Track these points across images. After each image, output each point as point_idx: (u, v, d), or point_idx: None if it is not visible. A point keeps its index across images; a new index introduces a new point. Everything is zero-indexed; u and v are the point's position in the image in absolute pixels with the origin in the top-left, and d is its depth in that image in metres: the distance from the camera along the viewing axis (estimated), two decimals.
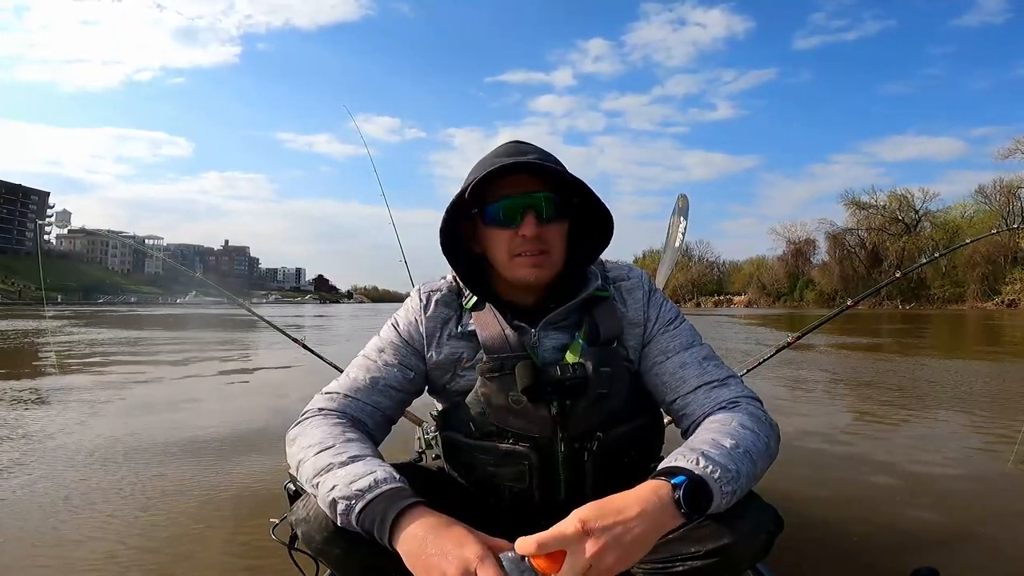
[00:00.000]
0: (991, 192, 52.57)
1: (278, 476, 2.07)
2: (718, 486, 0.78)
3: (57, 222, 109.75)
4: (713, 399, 0.96)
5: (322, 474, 0.84)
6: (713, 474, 0.78)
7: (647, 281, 1.08)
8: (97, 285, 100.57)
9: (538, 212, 0.96)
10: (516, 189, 0.96)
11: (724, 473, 0.79)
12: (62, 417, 3.78)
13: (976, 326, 18.99)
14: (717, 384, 0.98)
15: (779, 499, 0.95)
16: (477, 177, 0.94)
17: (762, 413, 0.94)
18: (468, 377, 1.02)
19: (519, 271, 0.98)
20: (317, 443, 0.89)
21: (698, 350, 1.02)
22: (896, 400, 4.79)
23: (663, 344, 1.03)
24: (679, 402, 0.99)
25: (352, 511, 0.79)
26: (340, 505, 0.80)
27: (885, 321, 22.70)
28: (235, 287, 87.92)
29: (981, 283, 47.62)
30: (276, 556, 1.53)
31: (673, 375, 1.00)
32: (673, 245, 2.93)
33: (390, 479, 0.81)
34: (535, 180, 0.97)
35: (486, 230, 0.99)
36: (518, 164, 0.94)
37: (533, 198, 0.96)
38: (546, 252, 0.98)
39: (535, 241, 0.96)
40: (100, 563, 1.71)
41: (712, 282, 75.93)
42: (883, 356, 8.57)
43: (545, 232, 0.97)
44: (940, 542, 1.90)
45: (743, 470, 0.81)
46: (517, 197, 0.96)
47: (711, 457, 0.80)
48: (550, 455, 0.98)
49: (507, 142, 1.04)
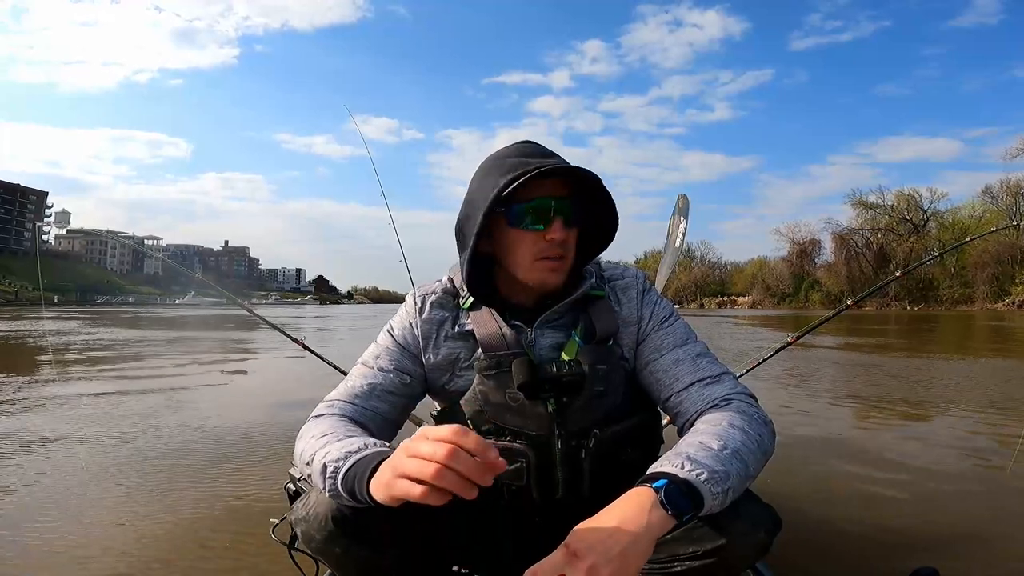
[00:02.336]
0: (998, 192, 52.45)
1: (279, 478, 2.08)
2: (707, 488, 0.77)
3: (56, 222, 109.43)
4: (706, 396, 0.96)
5: (322, 449, 0.85)
6: (700, 476, 0.77)
7: (642, 280, 1.09)
8: (95, 286, 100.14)
9: (566, 216, 0.96)
10: (545, 192, 0.95)
11: (712, 475, 0.78)
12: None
13: (984, 327, 18.89)
14: (710, 381, 0.97)
15: (779, 499, 0.96)
16: (514, 177, 0.92)
17: (755, 410, 0.93)
18: (466, 376, 1.03)
19: (540, 274, 0.98)
20: (320, 432, 0.90)
21: (692, 347, 1.02)
22: (897, 399, 4.76)
23: (657, 341, 1.03)
24: (673, 399, 0.99)
25: (339, 472, 0.80)
26: (329, 468, 0.81)
27: (892, 322, 22.80)
28: (235, 288, 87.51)
29: (991, 284, 47.21)
30: (276, 556, 1.53)
31: (667, 372, 1.00)
32: (674, 245, 2.92)
33: (381, 445, 0.82)
34: (562, 184, 0.96)
35: (508, 231, 0.98)
36: (555, 168, 0.93)
37: (562, 202, 0.96)
38: (566, 257, 0.98)
39: (560, 245, 0.96)
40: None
41: (715, 283, 75.59)
42: (885, 356, 8.54)
43: (569, 237, 0.97)
44: (940, 542, 1.90)
45: (732, 470, 0.81)
46: (546, 200, 0.95)
47: (696, 460, 0.80)
48: (547, 453, 0.98)
49: (520, 142, 1.02)
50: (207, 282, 3.22)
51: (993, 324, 19.96)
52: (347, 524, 0.84)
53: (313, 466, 0.84)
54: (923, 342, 12.30)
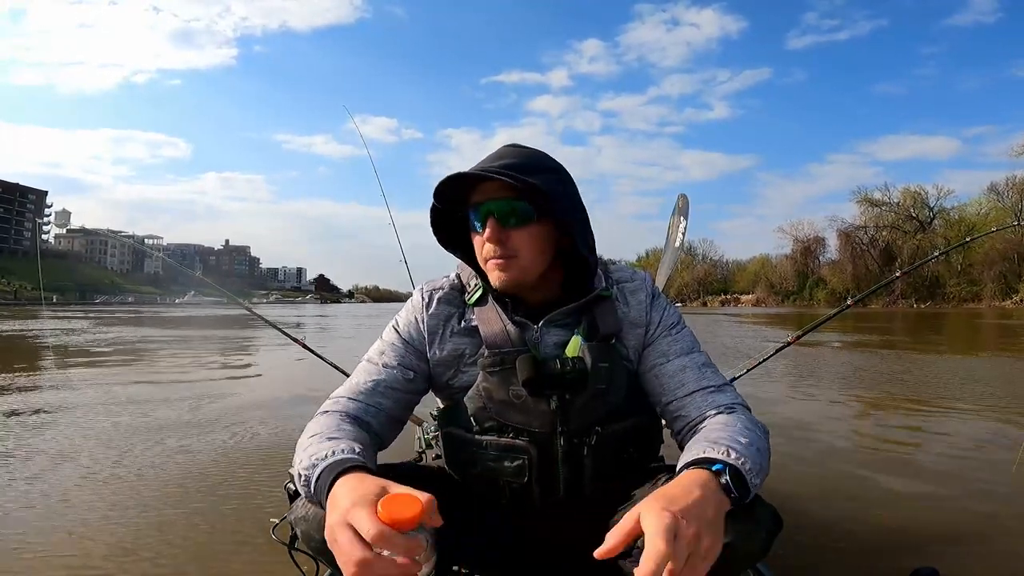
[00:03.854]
0: (1004, 190, 52.07)
1: (280, 478, 2.06)
2: (749, 477, 0.78)
3: (56, 222, 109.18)
4: (710, 403, 0.97)
5: (303, 451, 0.86)
6: (744, 465, 0.79)
7: (650, 284, 1.09)
8: (94, 285, 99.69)
9: (500, 218, 0.97)
10: (483, 196, 0.97)
11: (753, 465, 0.80)
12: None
13: (991, 325, 18.71)
14: (714, 390, 0.99)
15: (779, 499, 0.93)
16: (434, 192, 0.97)
17: (755, 419, 0.95)
18: (470, 373, 1.03)
19: (492, 274, 1.00)
20: (310, 432, 0.91)
21: (697, 356, 1.04)
22: (900, 397, 4.74)
23: (664, 347, 1.04)
24: (675, 404, 1.00)
25: (310, 482, 0.80)
26: (302, 477, 0.82)
27: (899, 320, 22.68)
28: (235, 287, 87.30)
29: (998, 282, 46.76)
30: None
31: (672, 378, 1.01)
32: (674, 245, 2.90)
33: (348, 451, 0.82)
34: (500, 185, 0.96)
35: (473, 235, 1.01)
36: (471, 173, 0.95)
37: (492, 204, 0.97)
38: (512, 257, 0.98)
39: (498, 246, 0.97)
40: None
41: (718, 281, 75.19)
42: (888, 353, 8.50)
43: (509, 238, 0.97)
44: (940, 542, 1.89)
45: (763, 465, 0.83)
46: (483, 204, 0.97)
47: (738, 450, 0.81)
48: (549, 450, 0.98)
49: (503, 146, 1.04)
50: (207, 281, 3.15)
51: (1002, 323, 19.67)
52: None
53: (295, 471, 0.86)
54: (928, 340, 12.22)
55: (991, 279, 47.36)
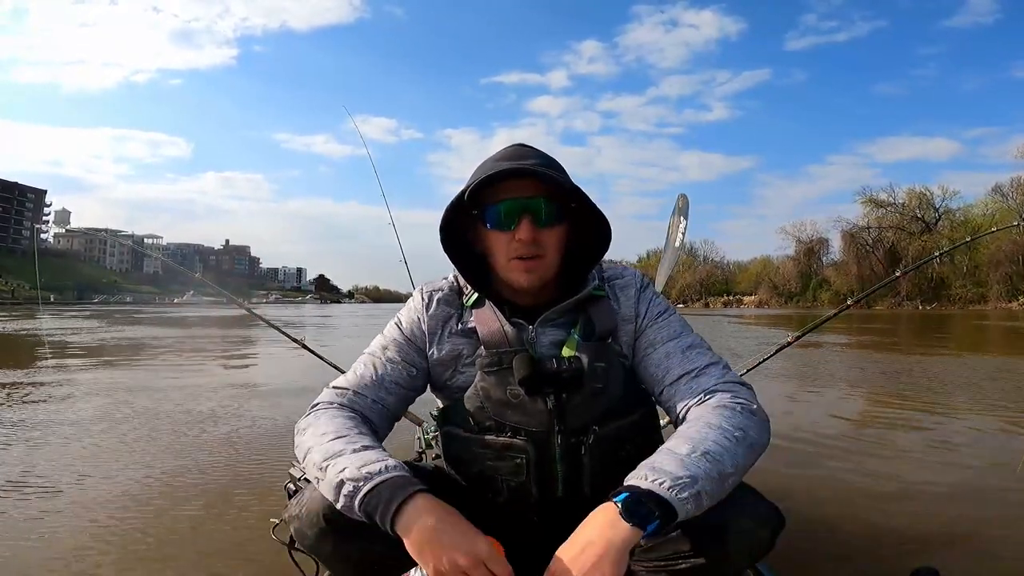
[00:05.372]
0: (1008, 190, 51.95)
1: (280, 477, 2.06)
2: (671, 494, 0.78)
3: (56, 221, 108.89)
4: (693, 390, 0.97)
5: (334, 458, 0.85)
6: (662, 485, 0.78)
7: (640, 279, 1.10)
8: (93, 285, 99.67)
9: (535, 216, 0.97)
10: (514, 193, 0.98)
11: (675, 481, 0.79)
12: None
13: (996, 327, 18.66)
14: (697, 373, 0.98)
15: (779, 498, 0.95)
16: (476, 180, 0.96)
17: (739, 401, 0.93)
18: (468, 373, 1.04)
19: (513, 274, 1.00)
20: (332, 432, 0.91)
21: (683, 339, 1.03)
22: (902, 398, 4.74)
23: (651, 335, 1.04)
24: (665, 393, 1.00)
25: (358, 492, 0.80)
26: (347, 486, 0.81)
27: (903, 321, 22.80)
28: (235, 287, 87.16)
29: (1005, 283, 46.58)
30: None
31: (659, 366, 1.02)
32: (673, 245, 2.90)
33: (399, 467, 0.84)
34: (533, 184, 0.97)
35: (486, 232, 1.01)
36: (515, 169, 0.95)
37: (530, 203, 0.97)
38: (541, 256, 0.99)
39: (531, 245, 0.97)
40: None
41: (720, 282, 75.04)
42: (889, 355, 8.51)
43: (541, 236, 0.98)
44: (940, 542, 1.89)
45: (700, 473, 0.81)
46: (514, 201, 0.97)
47: (659, 469, 0.81)
48: (547, 449, 0.98)
49: (510, 145, 1.05)
50: (206, 281, 3.16)
51: (1008, 325, 19.54)
52: (340, 522, 0.85)
53: (327, 476, 0.84)
54: (932, 342, 12.20)
55: (997, 281, 47.11)
